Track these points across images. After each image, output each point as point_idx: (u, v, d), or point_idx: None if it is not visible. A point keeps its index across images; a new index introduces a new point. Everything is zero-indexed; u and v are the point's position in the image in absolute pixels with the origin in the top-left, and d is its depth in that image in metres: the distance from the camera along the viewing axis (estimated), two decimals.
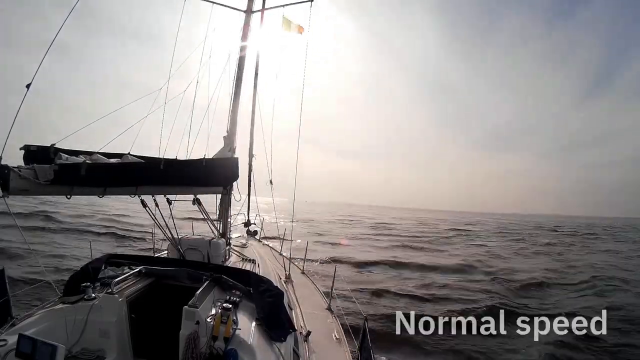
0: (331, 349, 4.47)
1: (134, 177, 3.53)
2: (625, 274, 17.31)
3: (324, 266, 14.93)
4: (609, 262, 21.06)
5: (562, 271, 17.85)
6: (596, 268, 18.66)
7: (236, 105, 5.78)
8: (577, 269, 18.62)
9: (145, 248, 15.14)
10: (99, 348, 3.00)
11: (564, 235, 43.28)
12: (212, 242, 4.72)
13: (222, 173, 4.83)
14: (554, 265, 19.51)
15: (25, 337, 2.36)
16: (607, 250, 28.87)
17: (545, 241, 33.98)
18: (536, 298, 12.77)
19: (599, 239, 40.77)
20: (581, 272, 17.60)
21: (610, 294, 13.37)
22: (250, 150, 7.89)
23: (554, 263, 20.65)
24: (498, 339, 7.96)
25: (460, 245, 28.86)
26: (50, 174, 2.79)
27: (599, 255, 25.26)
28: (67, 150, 3.38)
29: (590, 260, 21.62)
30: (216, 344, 2.54)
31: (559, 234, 46.39)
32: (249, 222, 8.57)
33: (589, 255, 25.18)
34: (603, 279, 15.63)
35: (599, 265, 19.79)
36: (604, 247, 30.76)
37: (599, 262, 21.05)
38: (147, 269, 3.75)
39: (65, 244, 15.86)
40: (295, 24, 6.62)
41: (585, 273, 17.13)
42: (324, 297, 6.26)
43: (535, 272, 16.99)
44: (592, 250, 28.57)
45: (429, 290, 13.06)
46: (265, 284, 3.46)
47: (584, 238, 40.42)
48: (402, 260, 19.13)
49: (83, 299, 3.15)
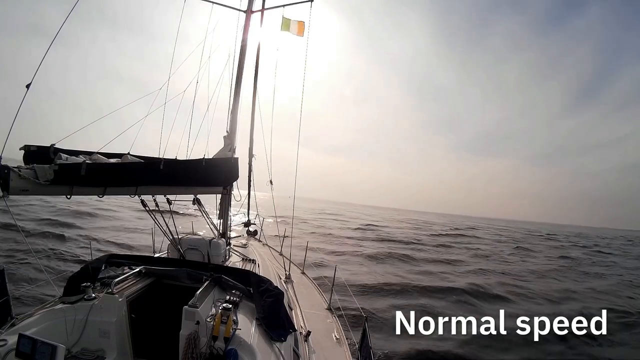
0: (331, 348, 4.47)
1: (134, 177, 3.53)
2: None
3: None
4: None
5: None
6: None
7: (236, 105, 5.78)
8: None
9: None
10: (98, 348, 3.00)
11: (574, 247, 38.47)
12: (212, 242, 4.72)
13: (222, 173, 4.83)
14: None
15: (25, 337, 2.36)
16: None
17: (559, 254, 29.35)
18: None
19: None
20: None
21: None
22: (250, 150, 7.90)
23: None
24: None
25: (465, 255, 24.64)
26: (50, 174, 2.79)
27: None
28: (67, 150, 3.38)
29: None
30: (216, 344, 2.55)
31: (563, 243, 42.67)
32: (249, 222, 8.58)
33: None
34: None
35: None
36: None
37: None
38: (147, 269, 3.75)
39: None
40: (295, 24, 6.62)
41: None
42: (324, 297, 6.26)
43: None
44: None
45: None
46: (265, 284, 3.46)
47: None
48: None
49: (83, 299, 3.15)
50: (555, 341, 7.90)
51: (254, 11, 6.12)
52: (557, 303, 13.28)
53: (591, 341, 8.81)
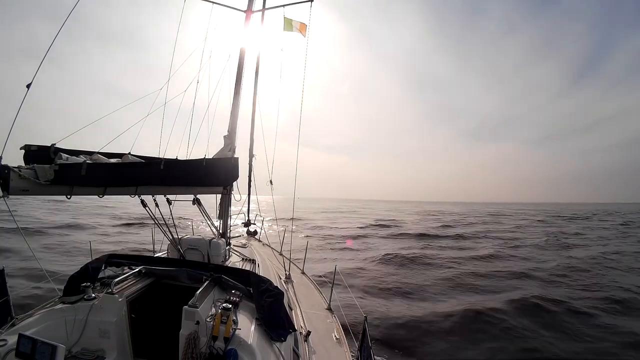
0: (331, 349, 4.47)
1: (134, 177, 3.53)
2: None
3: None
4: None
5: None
6: None
7: (236, 105, 5.79)
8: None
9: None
10: (98, 348, 3.00)
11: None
12: (212, 242, 4.72)
13: (222, 173, 4.83)
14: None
15: (25, 337, 2.36)
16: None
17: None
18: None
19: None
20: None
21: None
22: (250, 150, 7.91)
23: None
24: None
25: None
26: (50, 174, 2.79)
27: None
28: (67, 150, 3.38)
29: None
30: (216, 344, 2.54)
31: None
32: (249, 222, 8.59)
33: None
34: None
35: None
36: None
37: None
38: (147, 269, 3.75)
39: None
40: (296, 24, 6.63)
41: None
42: (324, 297, 6.26)
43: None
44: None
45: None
46: (265, 284, 3.46)
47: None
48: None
49: (83, 299, 3.15)
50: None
51: (254, 11, 6.13)
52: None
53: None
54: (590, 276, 15.06)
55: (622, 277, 15.06)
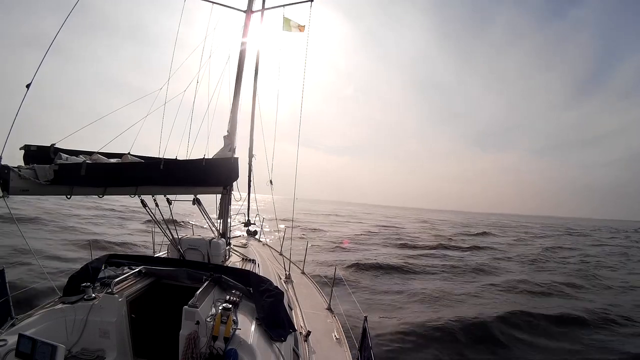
0: (331, 349, 4.46)
1: (134, 177, 3.53)
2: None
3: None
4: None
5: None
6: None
7: (236, 105, 5.79)
8: None
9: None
10: (98, 348, 3.00)
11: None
12: (212, 242, 4.72)
13: (222, 173, 4.83)
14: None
15: (25, 337, 2.36)
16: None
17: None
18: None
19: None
20: None
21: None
22: (250, 150, 7.91)
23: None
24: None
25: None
26: (50, 174, 2.79)
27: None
28: (67, 150, 3.38)
29: None
30: (216, 344, 2.54)
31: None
32: (249, 222, 8.59)
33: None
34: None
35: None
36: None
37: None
38: (147, 269, 3.75)
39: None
40: (295, 24, 6.64)
41: None
42: (324, 297, 6.26)
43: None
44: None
45: None
46: (265, 284, 3.46)
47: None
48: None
49: (83, 299, 3.15)
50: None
51: (254, 11, 6.13)
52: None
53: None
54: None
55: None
